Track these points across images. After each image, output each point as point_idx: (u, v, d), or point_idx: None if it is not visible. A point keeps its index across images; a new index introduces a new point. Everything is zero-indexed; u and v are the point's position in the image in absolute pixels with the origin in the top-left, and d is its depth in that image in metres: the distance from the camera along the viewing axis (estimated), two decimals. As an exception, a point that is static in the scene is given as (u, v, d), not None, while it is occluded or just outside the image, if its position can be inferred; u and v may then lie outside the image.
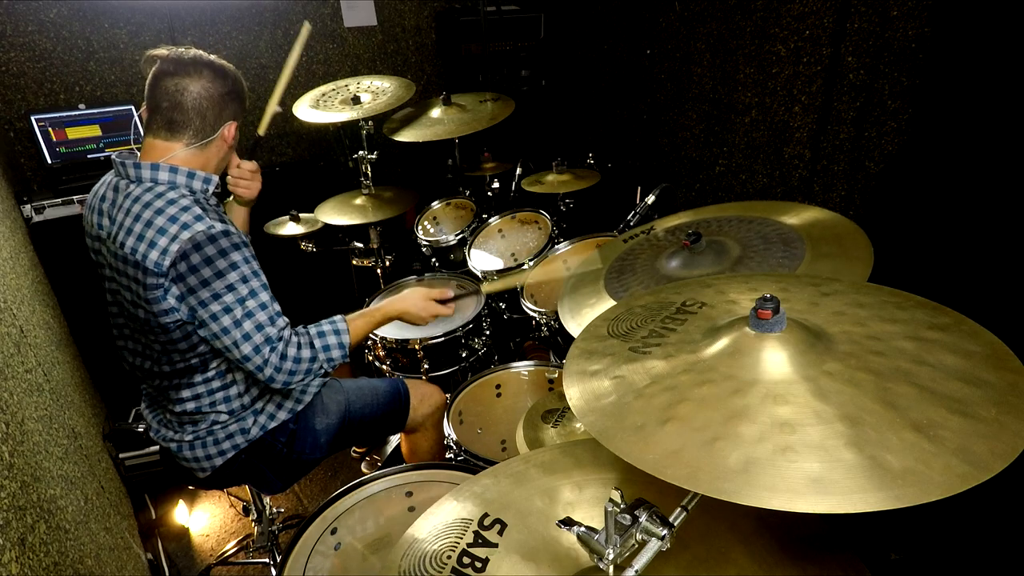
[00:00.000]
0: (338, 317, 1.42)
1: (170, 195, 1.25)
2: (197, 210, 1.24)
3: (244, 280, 1.25)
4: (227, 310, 1.24)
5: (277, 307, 1.31)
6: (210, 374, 1.36)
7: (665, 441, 0.67)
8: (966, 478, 0.55)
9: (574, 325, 1.28)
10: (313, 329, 1.37)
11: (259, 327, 1.26)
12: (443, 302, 1.56)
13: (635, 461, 0.66)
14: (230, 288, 1.23)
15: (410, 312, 1.52)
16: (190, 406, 1.38)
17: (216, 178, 1.37)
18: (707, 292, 0.96)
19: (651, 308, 0.95)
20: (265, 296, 1.28)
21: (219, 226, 1.24)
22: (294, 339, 1.32)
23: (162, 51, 1.30)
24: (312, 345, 1.34)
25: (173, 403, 1.39)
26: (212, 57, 1.34)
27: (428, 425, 1.72)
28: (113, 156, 1.32)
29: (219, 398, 1.39)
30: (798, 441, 0.62)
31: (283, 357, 1.29)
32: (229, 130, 1.36)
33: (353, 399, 1.61)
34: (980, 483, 0.55)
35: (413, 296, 1.54)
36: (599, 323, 0.96)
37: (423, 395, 1.70)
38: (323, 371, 1.36)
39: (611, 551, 0.72)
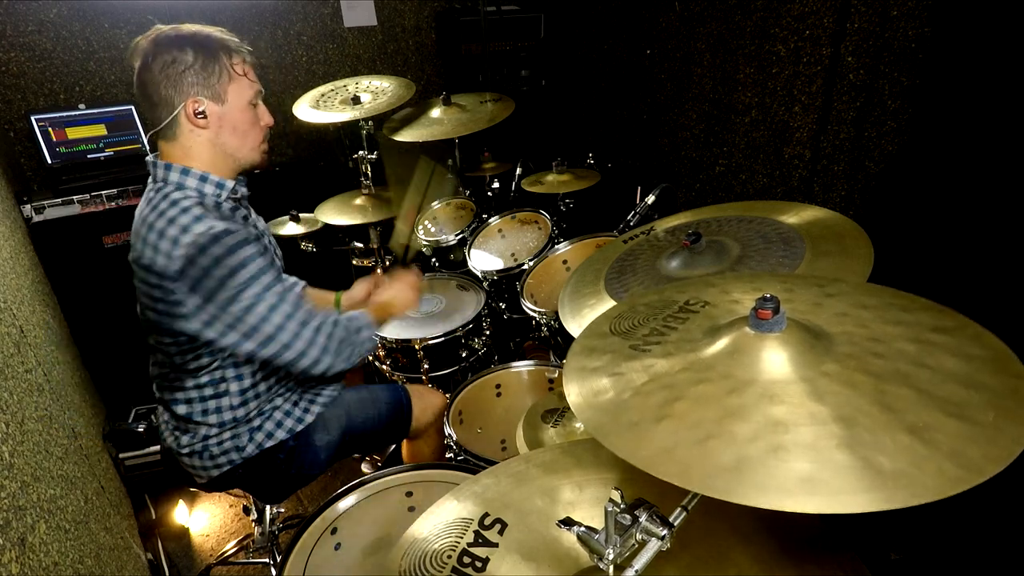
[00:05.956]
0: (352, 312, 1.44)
1: (174, 195, 1.23)
2: (197, 211, 1.20)
3: (261, 272, 1.23)
4: (251, 307, 1.21)
5: (299, 291, 1.31)
6: (203, 380, 1.33)
7: (659, 438, 0.67)
8: (958, 482, 0.55)
9: (574, 325, 1.28)
10: (340, 316, 1.38)
11: (289, 316, 1.26)
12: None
13: (629, 457, 0.66)
14: (248, 284, 1.21)
15: (399, 306, 1.57)
16: (182, 410, 1.37)
17: (230, 183, 1.31)
18: (711, 291, 0.96)
19: (654, 306, 0.95)
20: (282, 287, 1.27)
21: (219, 225, 1.18)
22: (328, 321, 1.33)
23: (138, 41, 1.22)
24: (344, 326, 1.36)
25: (169, 404, 1.38)
26: (166, 29, 1.22)
27: (431, 431, 1.71)
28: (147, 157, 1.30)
29: (211, 407, 1.36)
30: (791, 441, 0.62)
31: (329, 337, 1.31)
32: (189, 107, 1.22)
33: (354, 413, 1.57)
34: (972, 487, 0.54)
35: (400, 290, 1.59)
36: (602, 320, 0.96)
37: (426, 405, 1.68)
38: (357, 354, 1.38)
39: (611, 551, 0.72)
